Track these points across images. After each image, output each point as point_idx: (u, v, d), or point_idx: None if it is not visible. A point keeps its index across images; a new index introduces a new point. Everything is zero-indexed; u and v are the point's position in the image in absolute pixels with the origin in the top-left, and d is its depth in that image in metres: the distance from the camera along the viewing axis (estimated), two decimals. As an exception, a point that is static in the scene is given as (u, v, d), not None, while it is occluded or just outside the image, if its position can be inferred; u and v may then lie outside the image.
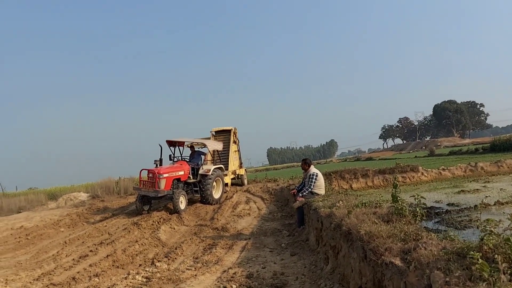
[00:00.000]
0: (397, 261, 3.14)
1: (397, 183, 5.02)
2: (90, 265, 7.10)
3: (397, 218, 4.32)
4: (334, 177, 17.64)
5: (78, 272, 6.72)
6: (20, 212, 18.88)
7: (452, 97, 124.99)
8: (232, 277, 5.65)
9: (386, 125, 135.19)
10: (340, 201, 6.40)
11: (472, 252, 2.54)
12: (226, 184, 15.71)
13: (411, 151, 77.76)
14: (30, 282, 6.40)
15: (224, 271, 6.08)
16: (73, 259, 7.82)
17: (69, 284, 6.08)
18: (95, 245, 8.95)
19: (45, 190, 28.70)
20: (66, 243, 9.65)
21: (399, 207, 4.45)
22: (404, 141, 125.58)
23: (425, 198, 4.97)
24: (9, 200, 21.46)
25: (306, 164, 9.03)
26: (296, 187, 9.64)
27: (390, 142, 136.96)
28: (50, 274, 6.82)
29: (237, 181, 18.27)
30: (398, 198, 4.63)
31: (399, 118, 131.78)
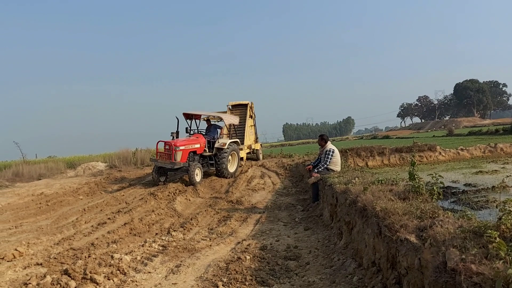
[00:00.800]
0: (412, 238, 3.14)
1: (415, 161, 4.97)
2: (108, 232, 7.28)
3: (413, 196, 4.30)
4: (350, 154, 17.56)
5: (96, 238, 6.90)
6: (40, 179, 19.35)
7: (474, 77, 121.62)
8: (246, 248, 5.73)
9: (404, 103, 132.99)
10: (356, 178, 6.38)
11: (490, 231, 2.52)
12: (242, 159, 15.78)
13: (429, 130, 76.77)
14: (51, 246, 6.60)
15: (238, 243, 6.18)
16: (92, 226, 8.03)
17: (88, 249, 6.25)
18: (113, 213, 9.16)
19: (64, 158, 29.25)
20: (85, 210, 9.89)
21: (416, 185, 4.43)
22: (423, 120, 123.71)
23: (442, 177, 4.92)
24: (30, 167, 21.95)
25: (323, 140, 8.98)
26: (311, 163, 9.63)
27: (408, 121, 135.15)
28: (70, 239, 7.03)
29: (253, 156, 18.33)
30: (416, 176, 4.59)
31: (419, 97, 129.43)
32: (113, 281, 4.81)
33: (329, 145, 8.82)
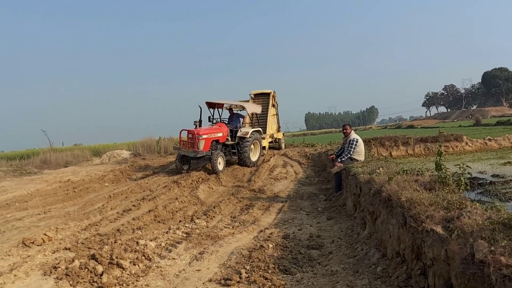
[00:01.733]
0: (439, 229, 3.09)
1: (442, 151, 4.88)
2: (133, 219, 7.42)
3: (440, 186, 4.23)
4: (373, 144, 17.36)
5: (122, 225, 7.04)
6: (67, 167, 19.81)
7: (504, 65, 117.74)
8: (268, 237, 5.75)
9: (430, 92, 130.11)
10: (380, 168, 6.31)
11: (521, 223, 2.46)
12: (264, 148, 15.77)
13: (455, 120, 75.11)
14: (78, 232, 6.77)
15: (261, 231, 6.21)
16: (117, 212, 8.20)
17: (114, 235, 6.38)
18: (137, 200, 9.32)
19: (89, 146, 29.87)
20: (110, 197, 10.10)
21: (443, 176, 4.35)
22: (449, 110, 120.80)
23: (470, 168, 4.82)
24: (57, 155, 22.47)
25: (346, 129, 8.89)
26: (335, 152, 9.56)
27: (433, 110, 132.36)
28: (96, 225, 7.19)
29: (275, 145, 18.29)
30: (442, 167, 4.51)
31: (445, 86, 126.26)
32: (139, 266, 4.91)
33: (353, 135, 8.74)
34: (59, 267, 4.83)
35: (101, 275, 4.57)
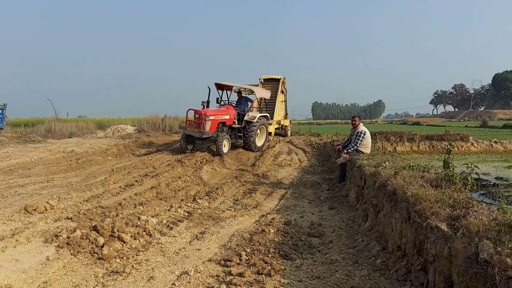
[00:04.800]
0: (443, 226, 3.09)
1: (451, 149, 4.86)
2: (135, 194, 7.44)
3: (446, 184, 4.21)
4: (378, 137, 17.28)
5: (124, 199, 7.06)
6: (71, 137, 19.95)
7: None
8: (270, 222, 5.77)
9: (439, 90, 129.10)
10: (386, 162, 6.30)
11: (529, 226, 2.45)
12: (270, 133, 15.75)
13: (461, 120, 74.57)
14: (80, 202, 6.79)
15: (263, 216, 6.22)
16: (120, 186, 8.22)
17: (116, 208, 6.40)
18: (140, 176, 9.34)
19: (94, 119, 29.96)
20: (113, 171, 10.13)
21: (450, 174, 4.33)
22: (456, 109, 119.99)
23: (478, 168, 4.81)
24: (62, 125, 22.58)
25: (355, 121, 8.85)
26: (341, 143, 9.54)
27: (440, 109, 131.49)
28: (98, 197, 7.21)
29: (281, 132, 18.27)
30: (450, 165, 4.50)
31: (454, 84, 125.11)
32: (139, 241, 4.95)
33: (361, 127, 8.70)
34: (60, 235, 4.87)
35: (102, 246, 4.61)
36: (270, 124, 15.59)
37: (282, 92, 17.99)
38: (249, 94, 15.56)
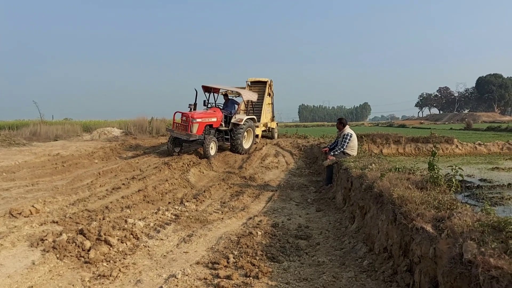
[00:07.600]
0: (429, 227, 3.14)
1: (436, 151, 4.93)
2: (122, 197, 7.39)
3: (431, 186, 4.28)
4: (365, 140, 17.39)
5: (111, 202, 7.01)
6: (56, 140, 19.66)
7: (499, 71, 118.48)
8: (257, 224, 5.79)
9: (424, 93, 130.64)
10: (373, 164, 6.36)
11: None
12: (257, 136, 15.77)
13: (446, 123, 75.61)
14: (66, 206, 6.73)
15: (250, 218, 6.24)
16: (106, 190, 8.16)
17: (103, 212, 6.35)
18: (127, 179, 9.28)
19: (80, 122, 29.61)
20: (99, 174, 10.03)
21: (435, 176, 4.40)
22: (441, 112, 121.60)
23: (462, 170, 4.88)
24: (47, 128, 22.24)
25: (341, 123, 8.91)
26: (328, 146, 9.60)
27: (426, 111, 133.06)
28: (85, 200, 7.14)
29: (268, 134, 18.31)
30: (435, 167, 4.56)
31: (439, 87, 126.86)
32: (126, 244, 4.92)
33: (347, 129, 8.77)
34: (46, 239, 4.82)
35: (89, 250, 4.57)
36: (257, 126, 15.60)
37: (269, 94, 18.03)
38: (236, 97, 15.58)
